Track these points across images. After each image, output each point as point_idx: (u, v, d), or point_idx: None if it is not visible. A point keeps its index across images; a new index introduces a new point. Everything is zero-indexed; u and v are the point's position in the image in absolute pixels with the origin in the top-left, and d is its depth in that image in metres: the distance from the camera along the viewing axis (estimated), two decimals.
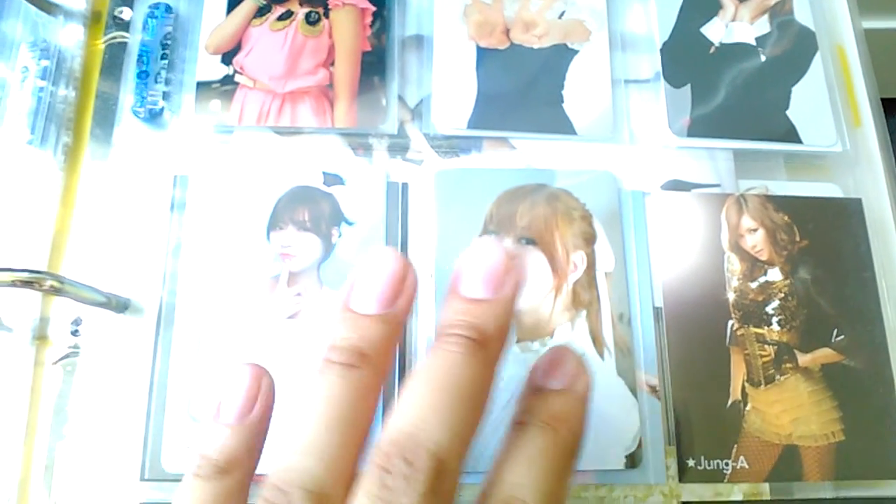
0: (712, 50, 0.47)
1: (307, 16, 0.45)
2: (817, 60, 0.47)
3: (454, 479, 0.24)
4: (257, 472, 0.28)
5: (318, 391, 0.25)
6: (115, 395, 0.38)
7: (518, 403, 0.28)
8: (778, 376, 0.40)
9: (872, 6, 0.99)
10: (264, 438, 0.28)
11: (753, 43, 0.47)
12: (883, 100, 0.48)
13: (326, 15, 0.45)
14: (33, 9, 0.46)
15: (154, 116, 0.43)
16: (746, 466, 0.39)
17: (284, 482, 0.23)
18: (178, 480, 0.36)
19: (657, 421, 0.39)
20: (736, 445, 0.39)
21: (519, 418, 0.27)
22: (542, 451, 0.26)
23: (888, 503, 0.39)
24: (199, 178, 0.42)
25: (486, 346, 0.25)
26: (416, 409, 0.24)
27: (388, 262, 0.27)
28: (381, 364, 0.26)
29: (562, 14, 0.47)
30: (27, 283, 0.35)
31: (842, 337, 0.41)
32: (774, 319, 0.41)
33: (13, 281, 0.35)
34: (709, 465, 0.39)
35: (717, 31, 0.47)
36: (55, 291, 0.36)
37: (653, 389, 0.40)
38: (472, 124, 0.44)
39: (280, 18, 0.45)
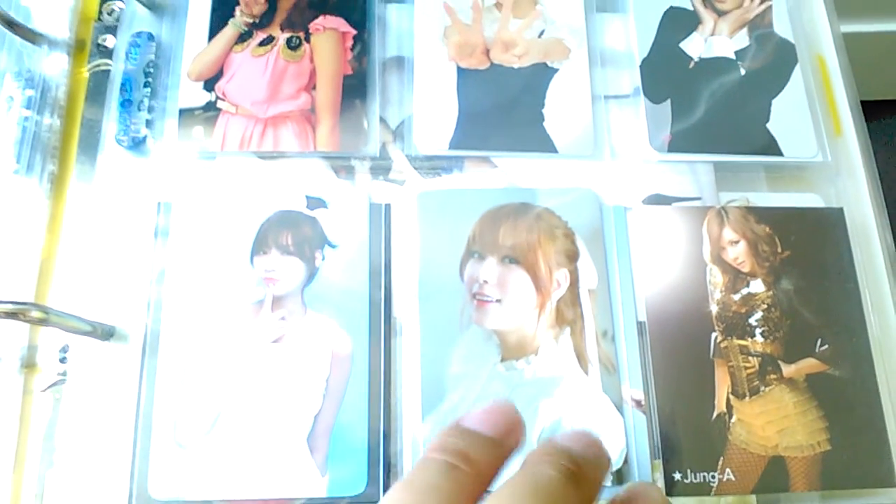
0: (692, 65, 0.47)
1: (288, 41, 0.46)
2: (797, 72, 0.47)
3: None
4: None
5: (418, 477, 0.26)
6: (102, 421, 0.39)
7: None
8: (762, 388, 0.40)
9: (851, 10, 1.00)
10: (499, 470, 0.28)
11: (733, 57, 0.47)
12: (863, 103, 0.48)
13: (307, 39, 0.46)
14: (17, 39, 0.46)
15: (137, 144, 0.44)
16: (733, 479, 0.39)
17: None
18: None
19: (643, 435, 0.39)
20: (722, 458, 0.39)
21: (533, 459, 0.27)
22: (554, 481, 0.25)
23: None
24: (182, 205, 0.42)
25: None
26: None
27: (507, 405, 0.28)
28: (484, 473, 0.26)
29: (541, 33, 0.47)
30: (12, 315, 0.35)
31: (826, 347, 0.41)
32: (758, 331, 0.41)
33: None
34: (695, 479, 0.39)
35: (696, 45, 0.47)
36: (40, 322, 0.36)
37: (638, 404, 0.40)
38: (454, 144, 0.44)
39: (261, 44, 0.46)
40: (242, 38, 0.46)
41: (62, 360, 0.40)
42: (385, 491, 0.38)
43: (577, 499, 0.26)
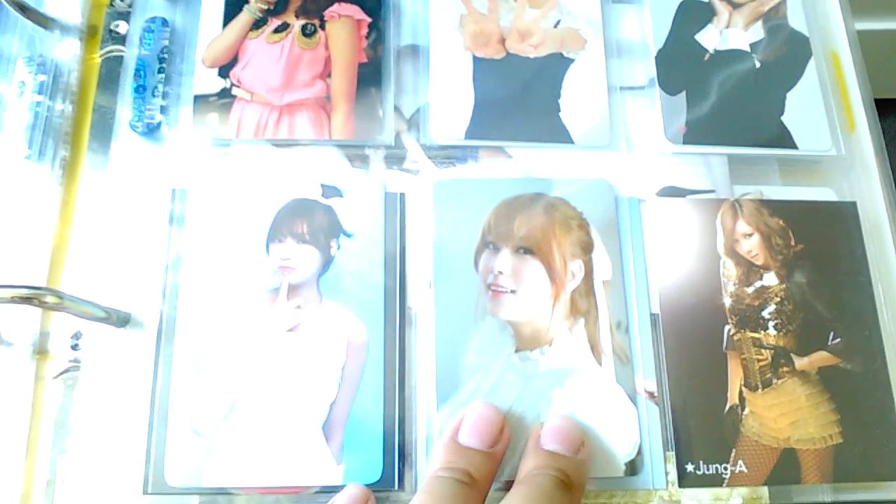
0: (707, 57, 0.47)
1: (303, 28, 0.45)
2: (811, 66, 0.47)
3: None
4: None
5: (431, 490, 0.32)
6: (116, 408, 0.39)
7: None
8: (775, 380, 0.40)
9: (865, 8, 1.00)
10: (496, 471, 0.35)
11: (748, 49, 0.47)
12: (877, 101, 0.48)
13: (322, 27, 0.46)
14: (29, 24, 0.46)
15: (152, 131, 0.43)
16: (745, 470, 0.39)
17: None
18: (181, 494, 0.37)
19: (656, 426, 0.39)
20: (734, 450, 0.39)
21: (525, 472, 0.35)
22: (547, 489, 0.33)
23: None
24: (197, 192, 0.42)
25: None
26: None
27: (491, 411, 0.36)
28: (483, 489, 0.33)
29: (557, 23, 0.47)
30: (26, 300, 0.35)
31: (838, 340, 0.41)
32: (771, 324, 0.41)
33: (12, 297, 0.35)
34: (708, 470, 0.39)
35: (711, 37, 0.47)
36: (55, 307, 0.36)
37: (651, 395, 0.40)
38: (469, 134, 0.44)
39: (276, 31, 0.45)
40: (257, 24, 0.46)
41: (74, 348, 0.40)
42: (400, 480, 0.38)
43: (569, 502, 0.32)
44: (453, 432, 0.36)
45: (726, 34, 0.48)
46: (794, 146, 0.45)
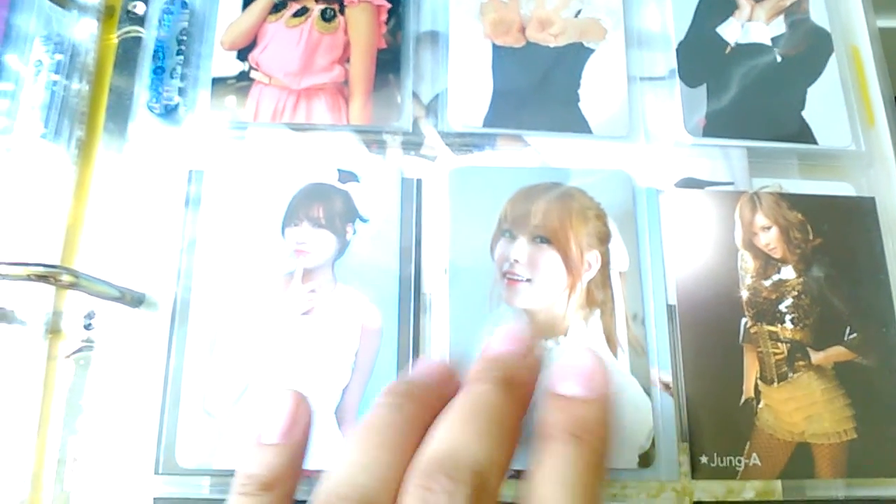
0: (728, 50, 0.47)
1: (323, 12, 0.45)
2: (832, 61, 0.47)
3: (493, 499, 0.25)
4: None
5: (371, 419, 0.28)
6: (129, 389, 0.39)
7: (541, 413, 0.29)
8: (791, 374, 0.40)
9: (887, 4, 0.99)
10: (304, 458, 0.30)
11: (769, 43, 0.47)
12: None
13: (342, 12, 0.45)
14: (47, 3, 0.46)
15: (169, 112, 0.43)
16: (759, 464, 0.39)
17: None
18: (193, 475, 0.37)
19: (670, 418, 0.39)
20: (749, 443, 0.39)
21: (544, 430, 0.28)
22: (572, 464, 0.27)
23: None
24: (214, 174, 0.42)
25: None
26: (455, 434, 0.27)
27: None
28: (428, 406, 0.29)
29: (578, 13, 0.47)
30: (42, 278, 0.35)
31: (855, 335, 0.41)
32: (788, 317, 0.41)
33: (28, 275, 0.35)
34: (721, 463, 0.39)
35: (732, 30, 0.47)
36: (70, 286, 0.36)
37: (666, 387, 0.40)
38: (488, 122, 0.44)
39: (296, 15, 0.45)
40: (277, 7, 0.45)
41: (87, 327, 0.40)
42: None
43: (511, 403, 0.28)
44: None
45: (748, 27, 0.47)
46: (814, 141, 0.45)
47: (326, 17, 0.45)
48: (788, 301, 0.41)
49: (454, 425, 0.27)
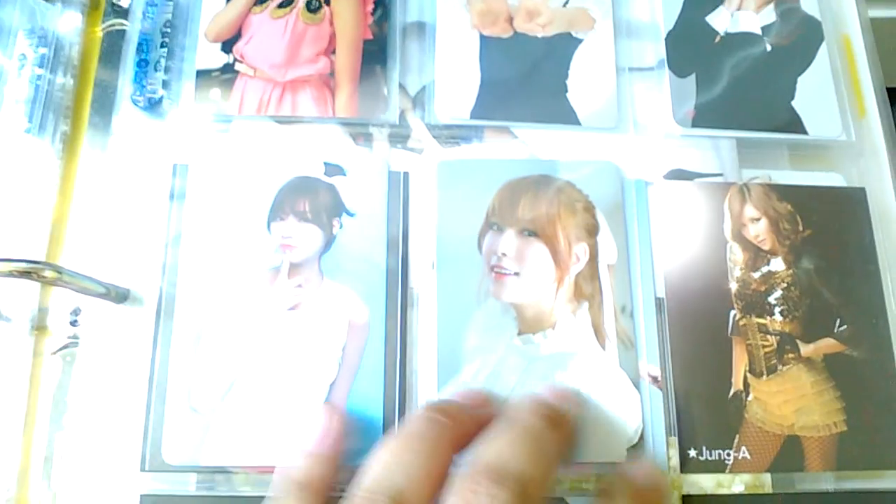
0: (717, 39, 0.46)
1: (308, 3, 0.45)
2: (823, 50, 0.46)
3: None
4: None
5: (405, 428, 0.31)
6: (115, 385, 0.38)
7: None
8: (780, 366, 0.40)
9: None
10: (337, 465, 0.34)
11: (759, 32, 0.47)
12: (889, 89, 0.47)
13: (327, 2, 0.45)
14: None
15: (153, 105, 0.43)
16: (748, 457, 0.39)
17: None
18: (179, 472, 0.37)
19: (659, 411, 0.39)
20: (738, 436, 0.39)
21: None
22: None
23: (890, 495, 0.39)
24: (199, 168, 0.41)
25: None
26: (502, 447, 0.29)
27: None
28: (462, 425, 0.32)
29: (566, 2, 0.46)
30: (25, 274, 0.35)
31: (845, 327, 0.41)
32: (777, 309, 0.41)
33: (11, 271, 0.34)
34: (710, 456, 0.39)
35: (722, 19, 0.47)
36: (54, 282, 0.36)
37: (654, 380, 0.39)
38: (475, 114, 0.43)
39: (281, 6, 0.45)
40: None
41: (73, 324, 0.40)
42: None
43: (554, 440, 0.31)
44: None
45: (737, 16, 0.47)
46: (804, 131, 0.44)
47: (312, 7, 0.45)
48: (778, 293, 0.41)
49: (503, 441, 0.30)
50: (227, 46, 0.44)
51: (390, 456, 0.29)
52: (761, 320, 0.41)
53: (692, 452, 0.38)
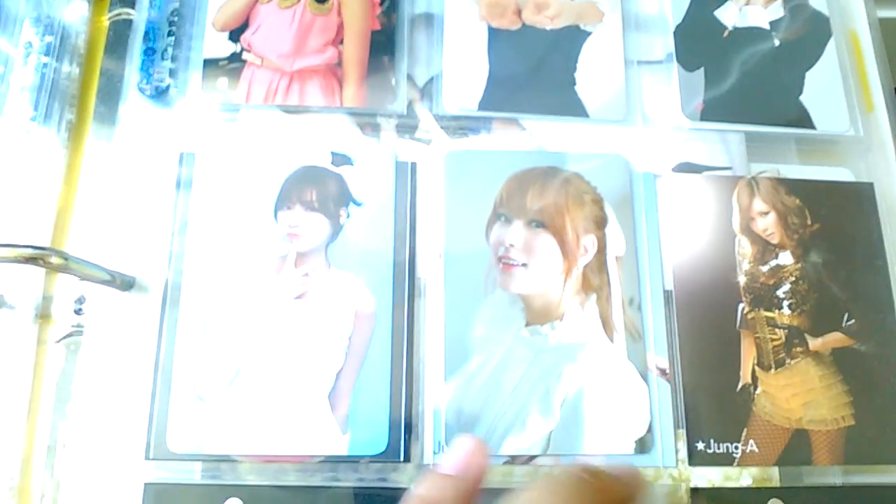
0: (726, 33, 0.46)
1: None
2: (831, 46, 0.46)
3: None
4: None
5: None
6: (119, 373, 0.38)
7: None
8: (788, 360, 0.40)
9: None
10: (474, 494, 0.30)
11: (767, 27, 0.47)
12: None
13: None
14: None
15: (160, 94, 0.43)
16: (756, 450, 0.38)
17: None
18: (184, 460, 0.36)
19: (667, 404, 0.39)
20: (746, 429, 0.39)
21: None
22: None
23: None
24: (205, 157, 0.41)
25: None
26: None
27: (466, 443, 0.30)
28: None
29: None
30: (31, 259, 0.34)
31: (853, 321, 0.41)
32: (785, 303, 0.41)
33: (16, 257, 0.34)
34: (718, 449, 0.38)
35: (731, 14, 0.47)
36: (59, 268, 0.35)
37: (663, 372, 0.39)
38: (483, 105, 0.43)
39: None
40: None
41: (77, 312, 0.40)
42: (406, 452, 0.37)
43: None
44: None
45: (746, 11, 0.47)
46: (812, 126, 0.44)
47: None
48: (786, 287, 0.41)
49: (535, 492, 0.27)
50: (235, 36, 0.44)
51: None
52: (770, 314, 0.40)
53: (700, 445, 0.38)
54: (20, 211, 0.41)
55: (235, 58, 0.43)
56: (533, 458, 0.37)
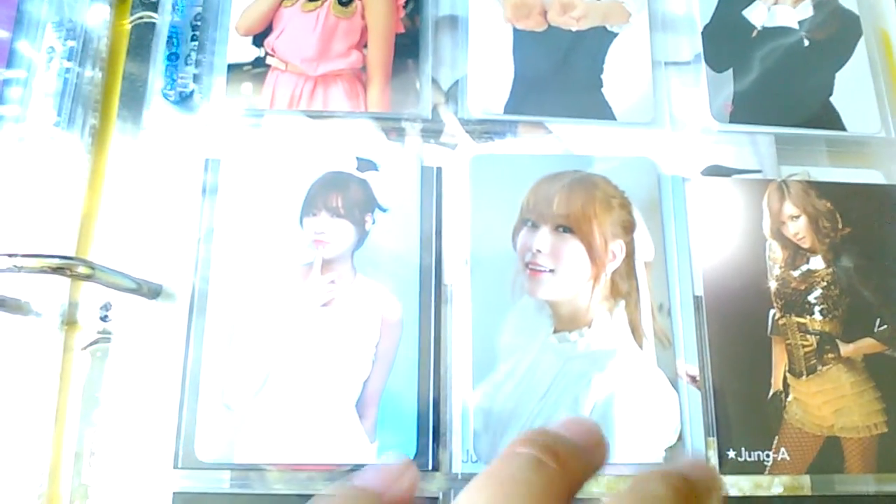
0: (754, 33, 0.46)
1: None
2: (861, 45, 0.46)
3: None
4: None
5: (503, 469, 0.23)
6: (146, 382, 0.38)
7: None
8: (820, 367, 0.39)
9: None
10: (586, 479, 0.25)
11: (796, 27, 0.46)
12: None
13: None
14: None
15: (184, 99, 0.43)
16: (787, 458, 0.38)
17: None
18: (213, 469, 0.36)
19: (697, 412, 0.38)
20: (777, 437, 0.38)
21: None
22: None
23: None
24: (230, 163, 0.41)
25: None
26: None
27: (591, 422, 0.26)
28: (572, 475, 0.23)
29: None
30: (58, 270, 0.34)
31: (885, 327, 0.40)
32: (817, 309, 0.40)
33: (43, 267, 0.34)
34: (749, 457, 0.38)
35: (759, 14, 0.46)
36: (86, 278, 0.35)
37: (693, 379, 0.39)
38: (509, 108, 0.43)
39: None
40: None
41: (103, 319, 0.40)
42: (434, 459, 0.37)
43: None
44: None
45: (774, 10, 0.46)
46: (843, 127, 0.44)
47: (343, 1, 0.44)
48: (817, 292, 0.40)
49: None
50: (258, 40, 0.43)
51: None
52: (801, 319, 0.40)
53: (731, 453, 0.38)
54: (45, 217, 0.41)
55: (259, 62, 0.43)
56: None
